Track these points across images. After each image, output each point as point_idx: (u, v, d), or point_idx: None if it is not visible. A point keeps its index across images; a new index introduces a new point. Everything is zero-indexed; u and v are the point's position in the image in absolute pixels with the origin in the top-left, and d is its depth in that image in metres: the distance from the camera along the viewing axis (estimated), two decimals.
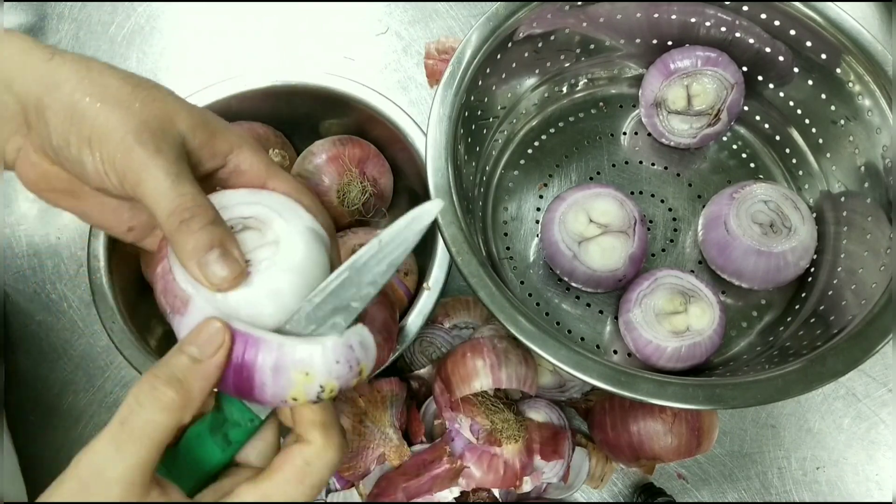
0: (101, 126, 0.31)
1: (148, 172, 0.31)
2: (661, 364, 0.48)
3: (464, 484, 0.48)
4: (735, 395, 0.40)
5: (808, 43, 0.50)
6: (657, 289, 0.50)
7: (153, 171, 0.30)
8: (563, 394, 0.53)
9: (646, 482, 0.54)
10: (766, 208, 0.51)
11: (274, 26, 0.68)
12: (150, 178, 0.30)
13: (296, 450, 0.29)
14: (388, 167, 0.56)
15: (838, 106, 0.51)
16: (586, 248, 0.51)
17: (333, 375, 0.28)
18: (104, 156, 0.31)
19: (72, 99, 0.31)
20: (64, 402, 0.57)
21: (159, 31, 0.69)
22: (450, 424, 0.49)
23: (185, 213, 0.30)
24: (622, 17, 0.55)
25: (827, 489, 0.55)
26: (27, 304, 0.59)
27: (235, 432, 0.30)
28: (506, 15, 0.50)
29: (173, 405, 0.27)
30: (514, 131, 0.58)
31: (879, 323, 0.41)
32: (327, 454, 0.29)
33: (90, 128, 0.31)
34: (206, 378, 0.28)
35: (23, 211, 0.62)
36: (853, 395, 0.57)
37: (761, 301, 0.54)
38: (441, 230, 0.44)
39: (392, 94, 0.56)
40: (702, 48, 0.54)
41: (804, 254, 0.50)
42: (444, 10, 0.69)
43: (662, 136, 0.57)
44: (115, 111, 0.31)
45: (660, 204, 0.56)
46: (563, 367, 0.40)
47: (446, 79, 0.48)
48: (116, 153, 0.31)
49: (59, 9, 0.69)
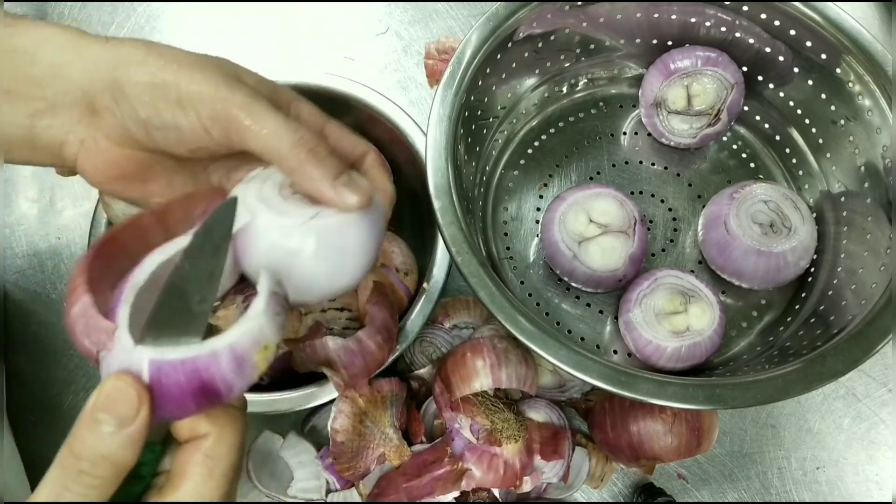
0: (189, 86, 0.32)
1: (256, 114, 0.32)
2: (661, 364, 0.48)
3: (464, 484, 0.48)
4: (735, 395, 0.40)
5: (808, 43, 0.50)
6: (657, 289, 0.50)
7: (261, 112, 0.32)
8: (562, 394, 0.53)
9: (646, 482, 0.54)
10: (766, 208, 0.51)
11: (274, 26, 0.68)
12: (260, 118, 0.32)
13: (191, 447, 0.27)
14: (387, 167, 0.56)
15: (838, 106, 0.51)
16: (586, 248, 0.51)
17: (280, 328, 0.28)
18: (202, 112, 0.32)
19: (148, 70, 0.32)
20: (64, 401, 0.57)
21: (159, 31, 0.69)
22: (450, 424, 0.49)
23: (309, 142, 0.32)
24: (622, 16, 0.55)
25: (827, 489, 0.55)
26: (27, 304, 0.59)
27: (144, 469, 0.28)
28: (506, 15, 0.50)
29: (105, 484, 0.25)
30: (514, 131, 0.58)
31: (879, 323, 0.41)
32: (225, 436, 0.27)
33: (177, 91, 0.32)
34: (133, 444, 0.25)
35: (23, 211, 0.62)
36: (853, 395, 0.57)
37: (761, 301, 0.53)
38: (441, 230, 0.44)
39: (392, 94, 0.56)
40: (702, 48, 0.54)
41: (804, 254, 0.50)
42: (444, 10, 0.69)
43: (662, 135, 0.57)
44: (197, 72, 0.32)
45: (660, 204, 0.56)
46: (564, 367, 0.40)
47: (446, 79, 0.48)
48: (216, 105, 0.32)
49: (59, 9, 0.69)
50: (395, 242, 0.51)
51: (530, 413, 0.51)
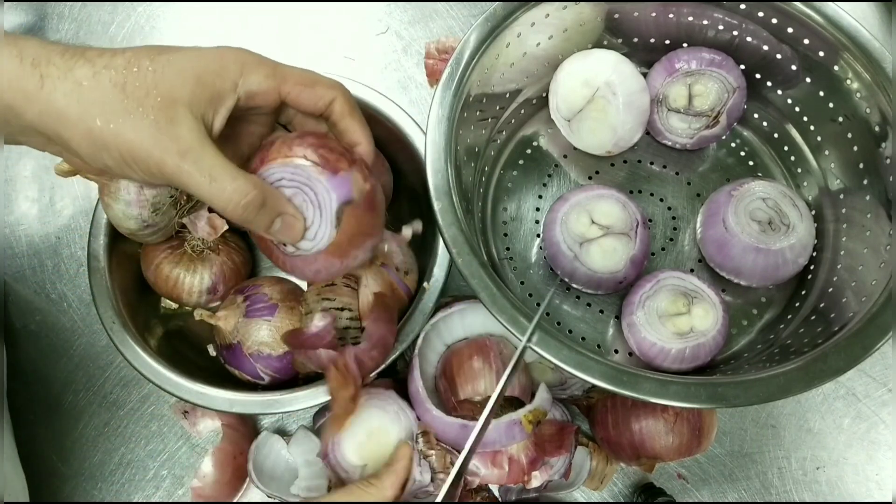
0: (125, 147, 0.33)
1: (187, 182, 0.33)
2: (665, 366, 0.48)
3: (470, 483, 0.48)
4: (737, 393, 0.40)
5: (805, 41, 0.50)
6: (660, 290, 0.49)
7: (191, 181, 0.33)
8: (564, 391, 0.53)
9: (646, 482, 0.54)
10: (765, 206, 0.51)
11: (274, 26, 0.68)
12: (191, 182, 0.33)
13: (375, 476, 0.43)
14: (387, 167, 0.56)
15: (836, 103, 0.51)
16: (587, 249, 0.51)
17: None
18: (143, 170, 0.34)
19: (85, 128, 0.32)
20: (64, 401, 0.57)
21: (159, 31, 0.69)
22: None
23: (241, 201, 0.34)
24: (619, 16, 0.55)
25: (827, 489, 0.55)
26: (27, 303, 0.59)
27: None
28: (504, 15, 0.50)
29: None
30: (514, 131, 0.58)
31: (880, 320, 0.41)
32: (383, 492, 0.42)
33: (118, 151, 0.33)
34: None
35: (23, 211, 0.62)
36: (853, 395, 0.57)
37: (761, 299, 0.54)
38: (441, 231, 0.44)
39: (392, 94, 0.56)
40: (708, 50, 0.54)
41: (803, 251, 0.50)
42: (444, 10, 0.69)
43: (660, 133, 0.57)
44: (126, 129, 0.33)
45: (659, 203, 0.56)
46: (566, 367, 0.40)
47: (445, 80, 0.48)
48: (150, 169, 0.33)
49: (59, 8, 0.69)
50: (395, 242, 0.50)
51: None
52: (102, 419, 0.57)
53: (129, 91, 0.33)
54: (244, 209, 0.34)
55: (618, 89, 0.53)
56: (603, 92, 0.53)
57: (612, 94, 0.53)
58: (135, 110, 0.32)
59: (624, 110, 0.53)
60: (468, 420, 0.46)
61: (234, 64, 0.36)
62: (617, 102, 0.53)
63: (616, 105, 0.53)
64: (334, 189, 0.37)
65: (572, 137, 0.57)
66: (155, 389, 0.55)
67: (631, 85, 0.53)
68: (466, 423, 0.45)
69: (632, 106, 0.54)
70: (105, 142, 0.32)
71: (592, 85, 0.54)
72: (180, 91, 0.33)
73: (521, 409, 0.46)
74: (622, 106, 0.53)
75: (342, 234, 0.37)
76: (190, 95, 0.34)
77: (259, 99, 0.37)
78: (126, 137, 0.32)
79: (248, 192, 0.34)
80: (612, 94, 0.53)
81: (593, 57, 0.54)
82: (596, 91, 0.54)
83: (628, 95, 0.53)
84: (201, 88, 0.34)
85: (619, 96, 0.53)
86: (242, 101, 0.36)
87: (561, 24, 0.53)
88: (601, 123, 0.54)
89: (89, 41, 0.68)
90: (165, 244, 0.52)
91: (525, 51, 0.53)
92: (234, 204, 0.34)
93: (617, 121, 0.53)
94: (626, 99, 0.53)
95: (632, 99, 0.53)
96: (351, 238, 0.38)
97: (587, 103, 0.54)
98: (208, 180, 0.33)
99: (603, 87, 0.53)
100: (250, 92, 0.36)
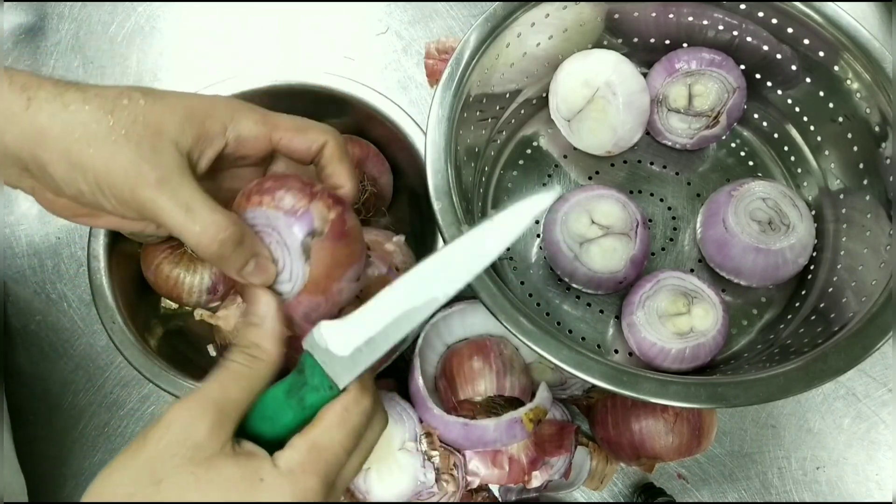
0: (101, 172, 0.32)
1: (161, 210, 0.32)
2: (665, 366, 0.48)
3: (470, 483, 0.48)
4: (737, 393, 0.40)
5: (805, 41, 0.50)
6: (660, 290, 0.50)
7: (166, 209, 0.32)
8: (564, 391, 0.53)
9: (646, 482, 0.54)
10: (765, 206, 0.51)
11: (274, 26, 0.68)
12: (166, 215, 0.32)
13: (336, 400, 0.32)
14: (387, 166, 0.56)
15: (837, 103, 0.51)
16: (587, 249, 0.51)
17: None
18: (117, 198, 0.32)
19: (63, 148, 0.32)
20: (64, 401, 0.57)
21: (159, 31, 0.69)
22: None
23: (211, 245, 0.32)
24: (619, 16, 0.55)
25: (827, 489, 0.55)
26: (27, 303, 0.59)
27: (312, 397, 0.32)
28: (504, 15, 0.50)
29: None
30: (514, 131, 0.58)
31: (880, 320, 0.41)
32: (362, 400, 0.33)
33: (94, 175, 0.32)
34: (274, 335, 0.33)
35: (23, 211, 0.62)
36: (853, 395, 0.57)
37: (761, 299, 0.54)
38: (441, 231, 0.44)
39: (392, 94, 0.56)
40: (708, 50, 0.54)
41: (803, 251, 0.50)
42: (444, 10, 0.69)
43: (660, 133, 0.57)
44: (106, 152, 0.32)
45: (659, 203, 0.56)
46: (566, 367, 0.40)
47: (445, 80, 0.48)
48: (124, 196, 0.32)
49: (59, 9, 0.69)
50: (395, 241, 0.51)
51: None
52: (102, 419, 0.57)
53: (116, 116, 0.32)
54: (221, 244, 0.33)
55: (618, 89, 0.53)
56: (603, 92, 0.53)
57: (612, 95, 0.53)
58: (119, 135, 0.32)
59: (624, 110, 0.53)
60: (469, 420, 0.46)
61: (226, 108, 0.35)
62: (617, 102, 0.53)
63: (616, 105, 0.53)
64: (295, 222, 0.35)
65: (572, 137, 0.57)
66: (155, 389, 0.55)
67: (631, 85, 0.54)
68: (468, 422, 0.45)
69: (632, 106, 0.54)
70: (82, 163, 0.32)
71: (592, 85, 0.54)
72: (169, 124, 0.33)
73: (521, 408, 0.46)
74: (622, 106, 0.53)
75: (315, 268, 0.35)
76: (178, 130, 0.33)
77: (249, 146, 0.36)
78: (104, 159, 0.32)
79: (228, 226, 0.33)
80: (612, 95, 0.53)
81: (593, 57, 0.54)
82: (596, 91, 0.54)
83: (628, 95, 0.53)
84: (190, 126, 0.34)
85: (619, 96, 0.53)
86: (231, 146, 0.35)
87: (561, 25, 0.53)
88: (601, 123, 0.54)
89: (89, 41, 0.68)
90: (165, 244, 0.52)
91: (525, 51, 0.53)
92: (210, 238, 0.32)
93: (617, 121, 0.53)
94: (626, 99, 0.53)
95: (632, 99, 0.53)
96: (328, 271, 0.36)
97: (587, 103, 0.54)
98: (184, 210, 0.32)
99: (603, 88, 0.53)
100: (240, 137, 0.36)
